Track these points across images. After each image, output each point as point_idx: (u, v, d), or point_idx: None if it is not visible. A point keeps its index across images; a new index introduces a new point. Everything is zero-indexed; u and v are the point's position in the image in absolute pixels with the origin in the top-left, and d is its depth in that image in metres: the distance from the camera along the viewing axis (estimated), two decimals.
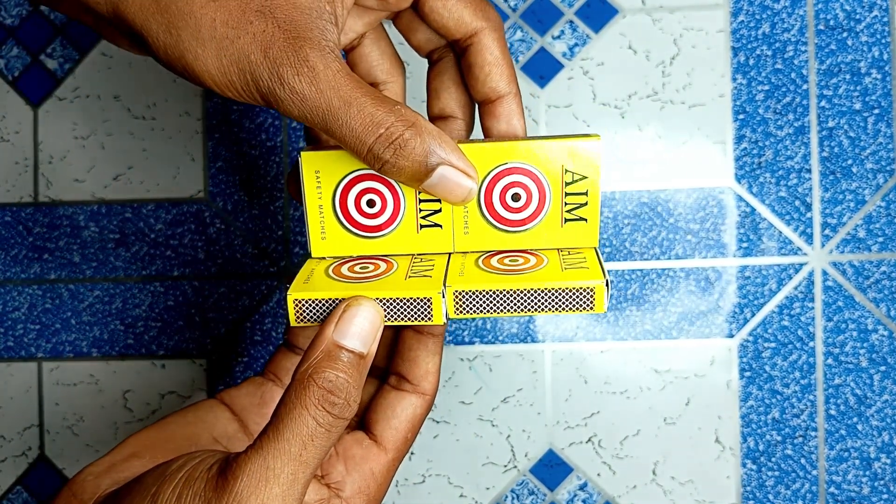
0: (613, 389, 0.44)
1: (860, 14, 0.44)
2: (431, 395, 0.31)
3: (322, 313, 0.26)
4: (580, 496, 0.44)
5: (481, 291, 0.26)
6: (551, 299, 0.26)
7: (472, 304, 0.26)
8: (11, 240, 0.46)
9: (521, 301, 0.26)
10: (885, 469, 0.43)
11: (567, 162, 0.27)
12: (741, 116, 0.44)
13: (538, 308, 0.26)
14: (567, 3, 0.45)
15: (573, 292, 0.26)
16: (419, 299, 0.26)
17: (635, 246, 0.44)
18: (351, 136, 0.25)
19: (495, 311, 0.26)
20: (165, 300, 0.45)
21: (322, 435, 0.24)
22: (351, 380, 0.25)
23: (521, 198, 0.28)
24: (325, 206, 0.28)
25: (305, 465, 0.24)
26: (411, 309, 0.26)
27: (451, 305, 0.26)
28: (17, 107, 0.46)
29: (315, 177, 0.28)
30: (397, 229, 0.28)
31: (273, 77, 0.24)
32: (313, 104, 0.24)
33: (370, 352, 0.26)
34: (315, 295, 0.26)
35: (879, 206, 0.44)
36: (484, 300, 0.26)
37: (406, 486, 0.45)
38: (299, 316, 0.26)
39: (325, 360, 0.25)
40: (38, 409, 0.46)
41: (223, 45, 0.24)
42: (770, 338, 0.44)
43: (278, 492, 0.23)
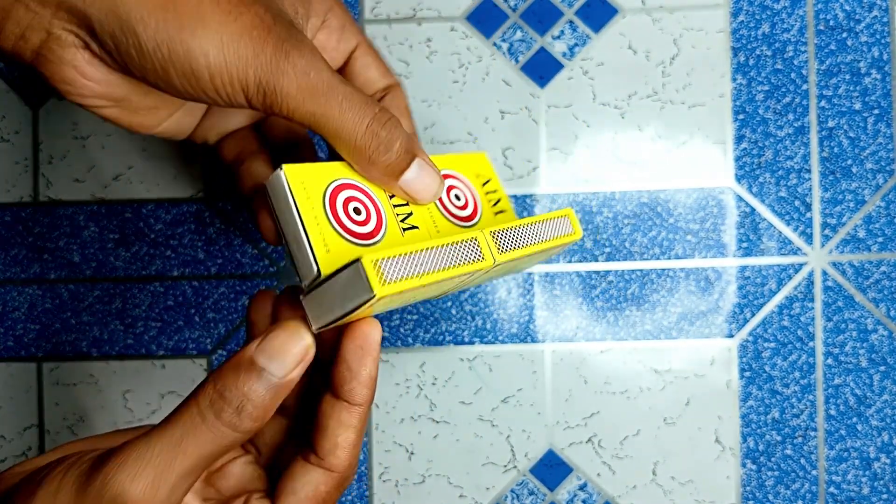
0: (613, 389, 0.44)
1: (860, 14, 0.44)
2: (341, 473, 0.27)
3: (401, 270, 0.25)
4: (580, 496, 0.44)
5: (509, 229, 0.28)
6: (550, 229, 0.30)
7: (506, 241, 0.28)
8: (11, 240, 0.46)
9: (534, 233, 0.29)
10: (884, 469, 0.43)
11: (474, 170, 0.33)
12: (741, 116, 0.44)
13: (546, 238, 0.30)
14: (567, 3, 0.45)
15: (560, 221, 0.31)
16: (468, 241, 0.26)
17: (635, 246, 0.44)
18: (348, 120, 0.25)
19: (521, 246, 0.28)
20: (165, 300, 0.45)
21: (205, 434, 0.23)
22: (250, 395, 0.23)
23: (462, 197, 0.32)
24: (319, 218, 0.26)
25: (182, 454, 0.23)
26: (461, 252, 0.26)
27: (492, 244, 0.27)
28: (17, 107, 0.46)
29: (303, 188, 0.26)
30: (387, 234, 0.28)
31: (278, 52, 0.24)
32: (313, 85, 0.24)
33: (286, 377, 0.24)
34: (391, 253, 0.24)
35: (879, 206, 0.44)
36: (512, 236, 0.28)
37: (406, 486, 0.45)
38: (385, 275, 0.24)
39: (232, 369, 0.24)
40: (38, 409, 0.46)
41: (225, 20, 0.24)
42: (770, 338, 0.44)
43: (151, 473, 0.22)
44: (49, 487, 0.23)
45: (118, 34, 0.24)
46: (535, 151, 0.44)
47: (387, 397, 0.45)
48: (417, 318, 0.45)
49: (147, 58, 0.24)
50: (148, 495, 0.22)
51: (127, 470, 0.22)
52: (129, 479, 0.22)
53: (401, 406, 0.45)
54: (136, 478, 0.22)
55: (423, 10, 0.45)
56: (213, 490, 0.28)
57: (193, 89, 0.25)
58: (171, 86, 0.25)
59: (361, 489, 0.45)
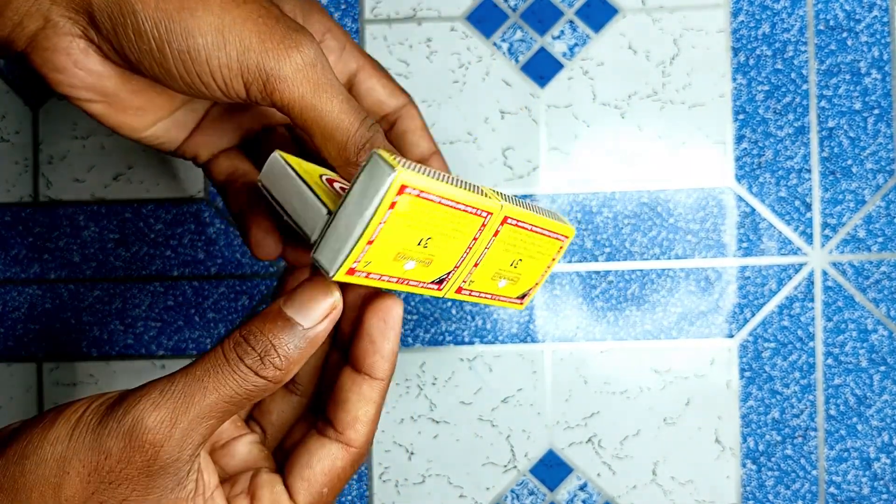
0: (613, 389, 0.44)
1: (860, 14, 0.44)
2: (358, 448, 0.27)
3: None
4: (580, 496, 0.44)
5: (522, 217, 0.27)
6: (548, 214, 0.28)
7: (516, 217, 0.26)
8: (11, 240, 0.46)
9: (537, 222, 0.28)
10: (884, 469, 0.43)
11: None
12: (741, 116, 0.44)
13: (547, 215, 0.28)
14: (567, 3, 0.45)
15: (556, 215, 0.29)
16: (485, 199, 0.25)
17: (635, 246, 0.44)
18: (341, 118, 0.25)
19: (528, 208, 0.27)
20: (165, 300, 0.45)
21: (227, 375, 0.23)
22: (274, 342, 0.23)
23: None
24: (319, 183, 0.26)
25: (203, 391, 0.23)
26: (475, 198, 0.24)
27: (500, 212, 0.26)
28: (17, 107, 0.46)
29: (303, 169, 0.26)
30: None
31: (287, 41, 0.24)
32: (317, 78, 0.24)
33: (313, 330, 0.24)
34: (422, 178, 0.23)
35: (879, 206, 0.44)
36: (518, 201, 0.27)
37: (406, 486, 0.45)
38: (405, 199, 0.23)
39: (260, 318, 0.24)
40: (38, 409, 0.46)
41: (228, 5, 0.24)
42: (770, 338, 0.44)
43: (171, 405, 0.22)
44: (69, 418, 0.23)
45: (116, 14, 0.23)
46: (535, 151, 0.44)
47: (387, 397, 0.45)
48: (417, 319, 0.45)
49: (144, 38, 0.24)
50: (165, 426, 0.22)
51: (148, 401, 0.22)
52: (149, 408, 0.22)
53: (401, 406, 0.45)
54: (156, 408, 0.22)
55: (423, 10, 0.45)
56: (217, 468, 0.28)
57: (187, 73, 0.24)
58: (165, 69, 0.24)
59: (361, 489, 0.45)
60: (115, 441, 0.22)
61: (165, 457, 0.23)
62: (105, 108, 0.27)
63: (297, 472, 0.27)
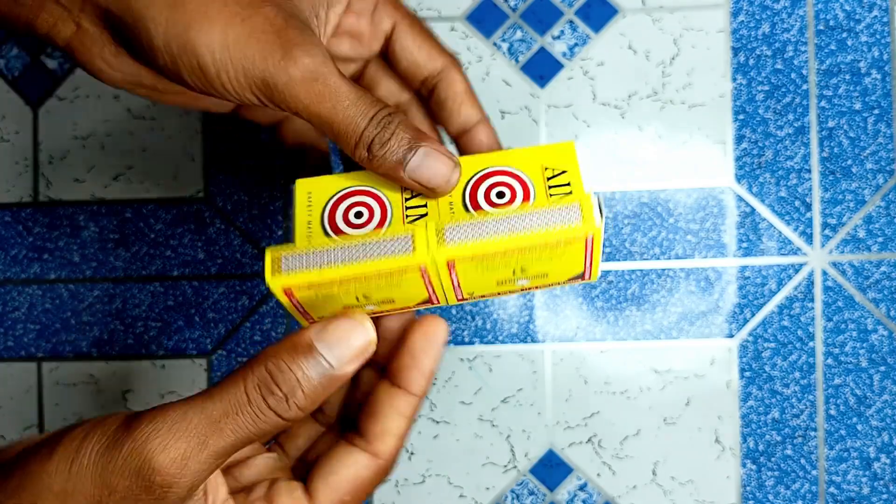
0: (613, 389, 0.44)
1: (860, 14, 0.44)
2: (385, 461, 0.27)
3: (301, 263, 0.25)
4: (580, 496, 0.44)
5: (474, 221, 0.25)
6: (539, 220, 0.25)
7: (459, 233, 0.25)
8: (11, 240, 0.46)
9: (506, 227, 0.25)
10: (884, 469, 0.43)
11: (545, 161, 0.28)
12: (741, 116, 0.44)
13: (527, 234, 0.25)
14: (567, 3, 0.45)
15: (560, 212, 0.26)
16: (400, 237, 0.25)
17: (635, 246, 0.44)
18: (346, 121, 0.25)
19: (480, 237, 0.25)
20: (165, 300, 0.45)
21: (248, 416, 0.22)
22: (302, 381, 0.23)
23: (506, 195, 0.28)
24: (313, 222, 0.27)
25: (220, 433, 0.22)
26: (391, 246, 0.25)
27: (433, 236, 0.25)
28: (17, 107, 0.46)
29: (307, 198, 0.27)
30: None
31: (286, 56, 0.24)
32: (319, 88, 0.25)
33: (341, 370, 0.24)
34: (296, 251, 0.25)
35: (879, 207, 0.44)
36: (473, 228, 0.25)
37: (406, 487, 0.45)
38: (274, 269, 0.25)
39: (288, 351, 0.23)
40: (38, 409, 0.46)
41: (232, 21, 0.24)
42: (770, 338, 0.44)
43: (183, 446, 0.22)
44: (68, 448, 0.22)
45: (132, 30, 0.25)
46: None
47: None
48: None
49: (159, 53, 0.25)
50: (176, 468, 0.22)
51: (159, 438, 0.22)
52: (159, 447, 0.22)
53: None
54: (166, 448, 0.22)
55: (423, 10, 0.45)
56: (231, 479, 0.27)
57: (203, 85, 0.25)
58: (182, 81, 0.25)
59: None
60: (122, 479, 0.22)
61: (174, 495, 0.22)
62: (150, 93, 0.28)
63: (320, 478, 0.26)
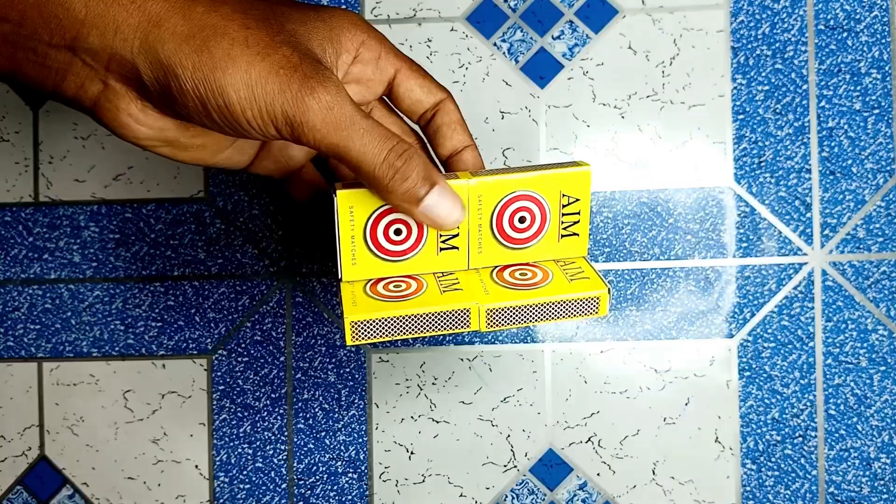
0: (613, 389, 0.44)
1: (860, 14, 0.44)
2: None
3: (374, 331, 0.30)
4: (580, 496, 0.44)
5: (508, 307, 0.30)
6: (565, 308, 0.31)
7: (501, 318, 0.30)
8: (11, 240, 0.46)
9: (540, 312, 0.31)
10: (884, 469, 0.43)
11: (564, 187, 0.32)
12: (741, 116, 0.44)
13: (554, 317, 0.31)
14: (567, 4, 0.45)
15: (583, 301, 0.31)
16: (459, 310, 0.30)
17: (635, 246, 0.44)
18: (363, 149, 0.28)
19: (519, 322, 0.31)
20: (165, 300, 0.45)
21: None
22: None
23: (527, 220, 0.32)
24: (356, 237, 0.31)
25: None
26: (452, 319, 0.30)
27: (483, 320, 0.30)
28: (17, 107, 0.46)
29: (349, 212, 0.31)
30: (420, 253, 0.32)
31: (304, 89, 0.27)
32: (335, 117, 0.27)
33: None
34: (370, 316, 0.30)
35: (879, 206, 0.44)
36: (510, 314, 0.30)
37: (406, 486, 0.45)
38: (355, 335, 0.30)
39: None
40: (38, 409, 0.46)
41: (254, 60, 0.26)
42: (770, 338, 0.44)
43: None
44: None
45: (161, 78, 0.26)
46: (535, 151, 0.44)
47: (387, 397, 0.45)
48: None
49: (188, 96, 0.27)
50: None
51: None
52: None
53: (401, 406, 0.45)
54: None
55: (423, 11, 0.45)
56: None
57: (229, 123, 0.27)
58: (210, 120, 0.27)
59: (362, 489, 0.45)
60: None
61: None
62: (171, 150, 0.30)
63: None
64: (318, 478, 0.45)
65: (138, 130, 0.28)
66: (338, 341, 0.45)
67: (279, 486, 0.45)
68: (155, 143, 0.29)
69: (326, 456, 0.45)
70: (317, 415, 0.45)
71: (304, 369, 0.45)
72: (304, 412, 0.45)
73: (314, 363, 0.45)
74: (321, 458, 0.45)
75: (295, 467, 0.45)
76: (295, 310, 0.45)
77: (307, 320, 0.45)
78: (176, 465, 0.45)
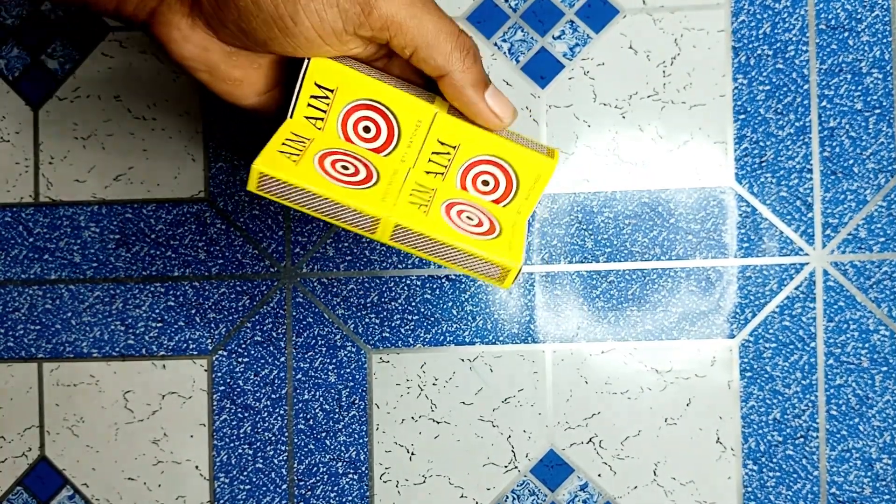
0: (614, 390, 0.44)
1: (861, 14, 0.44)
2: None
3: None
4: (581, 497, 0.44)
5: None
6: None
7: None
8: (12, 240, 0.46)
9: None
10: (886, 470, 0.43)
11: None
12: (742, 116, 0.44)
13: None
14: (567, 3, 0.44)
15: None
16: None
17: (636, 246, 0.44)
18: (443, 30, 0.29)
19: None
20: (166, 300, 0.45)
21: None
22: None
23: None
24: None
25: None
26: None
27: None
28: (17, 107, 0.46)
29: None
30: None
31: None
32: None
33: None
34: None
35: (881, 206, 0.43)
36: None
37: (406, 487, 0.45)
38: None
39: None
40: (38, 409, 0.46)
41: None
42: (771, 338, 0.44)
43: None
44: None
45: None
46: None
47: (387, 398, 0.45)
48: (418, 319, 0.45)
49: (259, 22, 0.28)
50: None
51: None
52: None
53: (401, 406, 0.45)
54: None
55: None
56: None
57: (282, 18, 0.28)
58: (262, 21, 0.28)
59: (362, 489, 0.45)
60: None
61: None
62: (209, 77, 0.31)
63: None
64: (318, 479, 0.45)
65: (184, 48, 0.30)
66: (338, 342, 0.45)
67: (279, 487, 0.45)
68: (197, 64, 0.31)
69: (327, 457, 0.45)
70: (317, 415, 0.45)
71: (304, 370, 0.45)
72: (305, 413, 0.45)
73: (314, 364, 0.45)
74: (321, 458, 0.45)
75: (295, 468, 0.45)
76: (295, 310, 0.45)
77: (307, 321, 0.45)
78: (176, 466, 0.45)
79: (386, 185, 0.31)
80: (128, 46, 0.45)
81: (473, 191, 0.33)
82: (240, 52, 0.31)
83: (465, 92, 0.30)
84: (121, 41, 0.45)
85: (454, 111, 0.32)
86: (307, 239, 0.45)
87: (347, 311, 0.45)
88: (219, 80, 0.32)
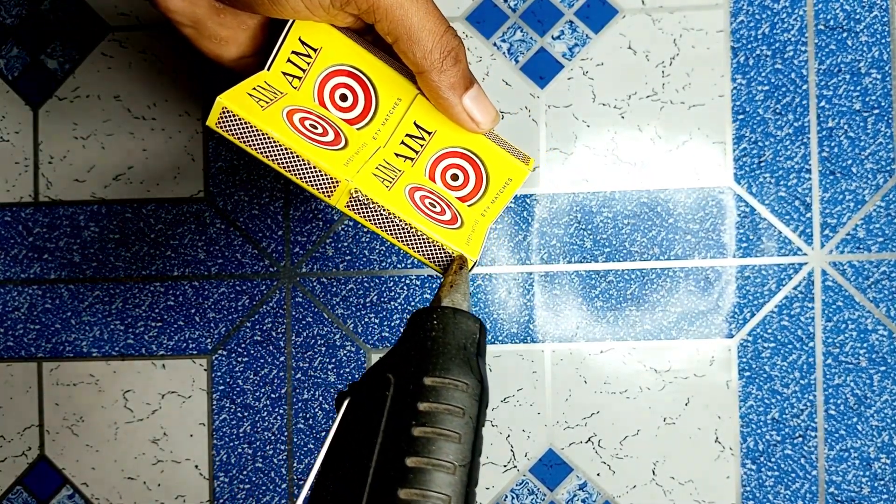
0: (613, 389, 0.44)
1: (860, 14, 0.44)
2: None
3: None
4: (580, 496, 0.44)
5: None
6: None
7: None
8: (11, 240, 0.46)
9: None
10: (884, 469, 0.43)
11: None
12: (741, 116, 0.44)
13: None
14: (567, 4, 0.45)
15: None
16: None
17: (635, 246, 0.44)
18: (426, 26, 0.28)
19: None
20: (165, 300, 0.45)
21: None
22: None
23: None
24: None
25: None
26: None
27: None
28: (17, 107, 0.46)
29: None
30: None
31: None
32: None
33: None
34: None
35: (879, 206, 0.44)
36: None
37: None
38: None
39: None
40: (38, 409, 0.46)
41: None
42: (770, 338, 0.44)
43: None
44: None
45: None
46: (535, 151, 0.44)
47: None
48: None
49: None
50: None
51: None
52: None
53: None
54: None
55: None
56: None
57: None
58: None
59: None
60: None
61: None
62: (194, 33, 0.31)
63: None
64: None
65: (170, 0, 0.29)
66: (337, 341, 0.45)
67: (279, 487, 0.45)
68: (183, 18, 0.30)
69: None
70: (317, 415, 0.45)
71: (303, 369, 0.45)
72: (304, 412, 0.45)
73: (314, 363, 0.45)
74: None
75: (295, 467, 0.45)
76: (295, 310, 0.45)
77: (307, 320, 0.45)
78: (176, 465, 0.45)
79: (352, 152, 0.30)
80: (128, 46, 0.45)
81: (441, 183, 0.32)
82: (227, 10, 0.30)
83: (440, 93, 0.30)
84: (121, 41, 0.45)
85: None
86: (306, 238, 0.45)
87: (347, 310, 0.45)
88: (204, 37, 0.31)
